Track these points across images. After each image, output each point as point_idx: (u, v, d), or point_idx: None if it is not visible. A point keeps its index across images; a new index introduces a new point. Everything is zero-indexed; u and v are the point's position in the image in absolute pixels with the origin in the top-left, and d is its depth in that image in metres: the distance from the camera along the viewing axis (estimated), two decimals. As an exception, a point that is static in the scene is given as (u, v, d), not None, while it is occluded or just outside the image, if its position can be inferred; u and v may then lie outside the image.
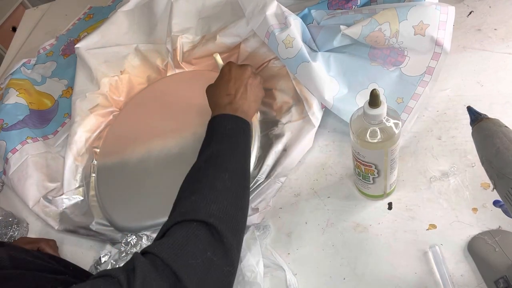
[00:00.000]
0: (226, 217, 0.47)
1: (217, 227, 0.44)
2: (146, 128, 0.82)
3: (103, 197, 0.76)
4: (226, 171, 0.51)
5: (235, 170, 0.53)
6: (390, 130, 0.49)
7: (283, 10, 0.72)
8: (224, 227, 0.45)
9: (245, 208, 0.52)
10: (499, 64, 0.70)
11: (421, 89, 0.68)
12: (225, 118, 0.59)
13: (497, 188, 0.41)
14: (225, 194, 0.49)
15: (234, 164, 0.53)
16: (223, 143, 0.55)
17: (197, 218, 0.45)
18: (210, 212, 0.46)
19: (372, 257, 0.59)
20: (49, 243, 0.71)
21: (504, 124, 0.43)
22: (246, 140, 0.58)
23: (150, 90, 0.89)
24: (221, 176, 0.51)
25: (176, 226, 0.45)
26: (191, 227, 0.44)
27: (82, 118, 0.85)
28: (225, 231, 0.45)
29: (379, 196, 0.62)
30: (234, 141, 0.56)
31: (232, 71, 0.65)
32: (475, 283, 0.53)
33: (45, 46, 1.12)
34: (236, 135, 0.57)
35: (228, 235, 0.45)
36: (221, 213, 0.47)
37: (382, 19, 0.66)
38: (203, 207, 0.47)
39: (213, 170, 0.52)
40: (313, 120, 0.70)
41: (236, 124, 0.58)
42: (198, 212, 0.46)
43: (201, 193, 0.49)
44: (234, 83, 0.63)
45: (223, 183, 0.50)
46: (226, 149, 0.54)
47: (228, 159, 0.53)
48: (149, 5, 0.90)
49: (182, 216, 0.46)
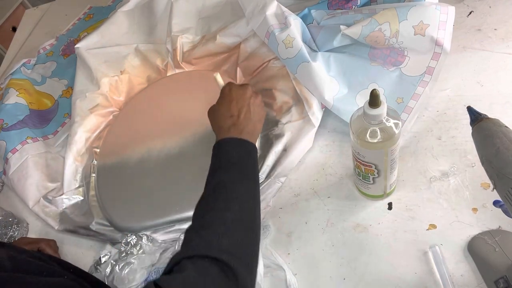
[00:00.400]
0: (239, 252, 0.45)
1: (230, 264, 0.42)
2: (146, 128, 0.82)
3: (103, 197, 0.76)
4: (236, 201, 0.49)
5: (245, 198, 0.50)
6: (390, 130, 0.49)
7: (283, 10, 0.72)
8: (237, 263, 0.43)
9: (258, 237, 0.49)
10: (499, 64, 0.70)
11: (421, 89, 0.68)
12: (231, 143, 0.56)
13: (497, 188, 0.41)
14: (237, 226, 0.47)
15: (243, 192, 0.51)
16: (231, 170, 0.52)
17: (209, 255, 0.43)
18: (222, 248, 0.44)
19: (372, 257, 0.59)
20: (50, 243, 0.71)
21: (504, 124, 0.43)
22: (254, 164, 0.55)
23: (150, 90, 0.89)
24: (231, 207, 0.48)
25: (187, 261, 0.43)
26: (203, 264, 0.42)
27: (82, 118, 0.85)
28: (239, 268, 0.43)
29: (379, 196, 0.62)
30: (242, 167, 0.53)
31: (232, 92, 0.62)
32: (475, 283, 0.53)
33: (45, 46, 1.12)
34: (243, 161, 0.54)
35: (242, 272, 0.43)
36: (233, 248, 0.44)
37: (382, 19, 0.66)
38: (215, 243, 0.44)
39: (222, 201, 0.49)
40: (313, 120, 0.70)
41: (242, 149, 0.56)
42: (210, 248, 0.44)
43: (212, 227, 0.46)
44: (236, 104, 0.61)
45: (233, 214, 0.48)
46: (234, 177, 0.52)
47: (237, 188, 0.51)
48: (149, 5, 0.90)
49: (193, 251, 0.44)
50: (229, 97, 0.62)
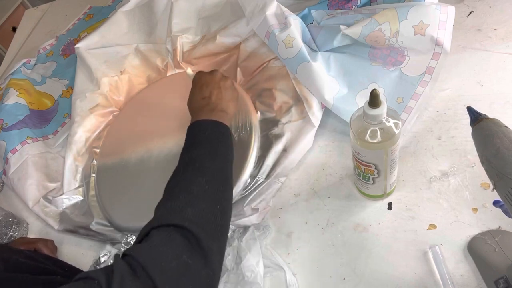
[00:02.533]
0: (202, 221, 0.47)
1: (193, 231, 0.44)
2: (146, 128, 0.82)
3: (103, 197, 0.76)
4: (203, 175, 0.51)
5: (214, 173, 0.52)
6: (390, 130, 0.49)
7: (283, 10, 0.72)
8: (200, 230, 0.45)
9: (225, 211, 0.51)
10: (499, 64, 0.70)
11: (421, 89, 0.68)
12: (204, 123, 0.59)
13: (497, 188, 0.41)
14: (202, 198, 0.49)
15: (212, 168, 0.53)
16: (202, 147, 0.55)
17: (173, 223, 0.45)
18: (185, 216, 0.46)
19: (372, 257, 0.59)
20: (47, 243, 0.71)
21: (504, 124, 0.43)
22: (226, 143, 0.58)
23: (150, 90, 0.89)
24: (198, 180, 0.51)
25: (154, 231, 0.45)
26: (167, 231, 0.45)
27: (82, 118, 0.85)
28: (202, 235, 0.45)
29: (379, 196, 0.62)
30: (212, 145, 0.56)
31: (202, 78, 0.66)
32: (475, 283, 0.53)
33: (45, 46, 1.12)
34: (214, 139, 0.57)
35: (205, 239, 0.45)
36: (197, 217, 0.47)
37: (382, 19, 0.66)
38: (179, 212, 0.47)
39: (190, 175, 0.52)
40: (313, 120, 0.70)
41: (215, 128, 0.58)
42: (174, 217, 0.46)
43: (178, 198, 0.49)
44: (207, 87, 0.65)
45: (200, 187, 0.50)
46: (204, 153, 0.54)
47: (206, 163, 0.53)
48: (149, 5, 0.90)
49: (159, 221, 0.46)
50: (199, 83, 0.66)
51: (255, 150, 0.72)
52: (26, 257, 0.55)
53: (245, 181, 0.69)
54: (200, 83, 0.66)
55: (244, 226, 0.65)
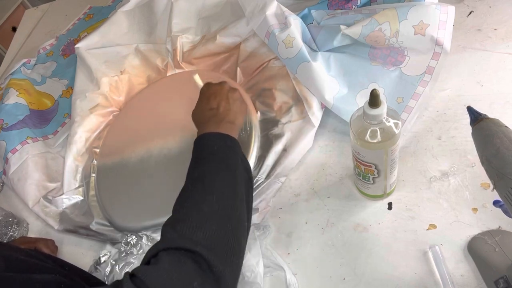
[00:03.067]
0: (214, 243, 0.44)
1: (204, 256, 0.42)
2: (146, 128, 0.82)
3: (103, 197, 0.76)
4: (213, 193, 0.49)
5: (223, 190, 0.50)
6: (390, 130, 0.49)
7: (283, 10, 0.72)
8: (212, 255, 0.43)
9: (237, 231, 0.48)
10: (499, 64, 0.70)
11: (421, 88, 0.68)
12: (211, 137, 0.56)
13: (497, 188, 0.41)
14: (213, 218, 0.47)
15: (221, 185, 0.50)
16: (209, 163, 0.53)
17: (183, 247, 0.43)
18: (196, 240, 0.44)
19: (372, 257, 0.59)
20: (47, 243, 0.71)
21: (504, 124, 0.43)
22: (234, 157, 0.55)
23: (150, 90, 0.89)
24: (207, 199, 0.48)
25: (163, 253, 0.43)
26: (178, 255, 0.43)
27: (82, 118, 0.85)
28: (213, 259, 0.43)
29: (379, 196, 0.62)
30: (220, 160, 0.53)
31: (210, 89, 0.64)
32: (475, 283, 0.53)
33: (45, 46, 1.12)
34: (223, 154, 0.54)
35: (217, 263, 0.43)
36: (208, 240, 0.44)
37: (382, 19, 0.66)
38: (189, 235, 0.45)
39: (199, 193, 0.49)
40: (313, 120, 0.70)
41: (222, 142, 0.56)
42: (184, 240, 0.44)
43: (187, 219, 0.47)
44: (215, 98, 0.62)
45: (209, 206, 0.48)
46: (212, 170, 0.52)
47: (215, 180, 0.51)
48: (149, 5, 0.90)
49: (168, 243, 0.44)
50: (207, 93, 0.64)
51: (255, 150, 0.72)
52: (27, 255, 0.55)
53: (245, 181, 0.69)
54: (207, 94, 0.63)
55: (244, 226, 0.65)
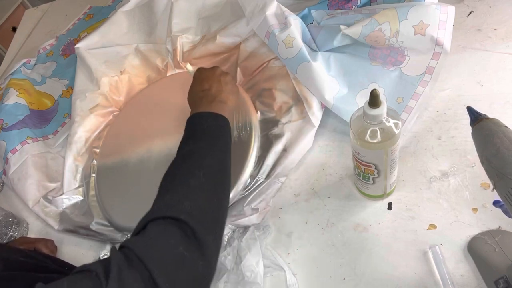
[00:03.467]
0: (199, 213, 0.47)
1: (189, 223, 0.45)
2: (146, 128, 0.82)
3: (103, 197, 0.76)
4: (201, 168, 0.51)
5: (212, 166, 0.52)
6: (390, 130, 0.49)
7: (283, 10, 0.72)
8: (196, 222, 0.45)
9: (222, 205, 0.52)
10: (499, 64, 0.70)
11: (421, 88, 0.68)
12: (203, 116, 0.59)
13: (497, 188, 0.41)
14: (199, 190, 0.49)
15: (210, 161, 0.53)
16: (200, 140, 0.55)
17: (170, 215, 0.45)
18: (182, 209, 0.46)
19: (372, 257, 0.59)
20: (47, 243, 0.71)
21: (504, 124, 0.43)
22: (225, 136, 0.58)
23: (150, 90, 0.89)
24: (195, 173, 0.50)
25: (150, 223, 0.45)
26: (164, 223, 0.45)
27: (82, 118, 0.85)
28: (198, 227, 0.45)
29: (379, 196, 0.62)
30: (211, 138, 0.56)
31: (202, 73, 0.67)
32: (475, 283, 0.53)
33: (45, 46, 1.12)
34: (213, 132, 0.57)
35: (201, 231, 0.45)
36: (193, 209, 0.47)
37: (382, 19, 0.66)
38: (175, 205, 0.47)
39: (187, 167, 0.52)
40: (313, 120, 0.70)
41: (214, 121, 0.58)
42: (171, 209, 0.47)
43: (175, 190, 0.49)
44: (207, 81, 0.65)
45: (197, 179, 0.50)
46: (202, 146, 0.54)
47: (204, 156, 0.53)
48: (149, 5, 0.90)
49: (156, 213, 0.47)
50: (199, 77, 0.67)
51: (255, 150, 0.72)
52: (26, 256, 0.55)
53: (245, 181, 0.69)
54: (200, 78, 0.67)
55: (244, 226, 0.65)
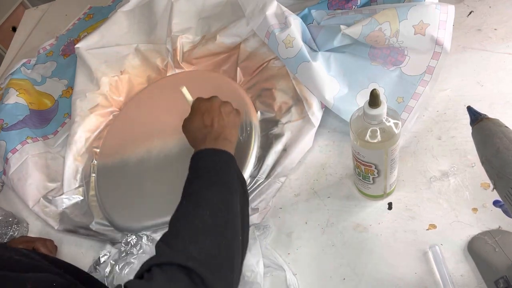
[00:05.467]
0: (207, 258, 0.45)
1: (197, 271, 0.42)
2: (146, 128, 0.82)
3: (103, 197, 0.76)
4: (206, 208, 0.49)
5: (217, 205, 0.50)
6: (390, 130, 0.49)
7: (283, 10, 0.72)
8: (205, 269, 0.43)
9: (232, 243, 0.49)
10: (499, 64, 0.70)
11: (422, 88, 0.68)
12: (207, 153, 0.57)
13: (497, 188, 0.41)
14: (206, 232, 0.47)
15: (215, 200, 0.50)
16: (204, 179, 0.53)
17: (176, 262, 0.43)
18: (189, 255, 0.44)
19: (372, 257, 0.59)
20: (45, 243, 0.71)
21: (504, 124, 0.43)
22: (230, 172, 0.55)
23: (150, 90, 0.89)
24: (201, 214, 0.48)
25: (156, 269, 0.43)
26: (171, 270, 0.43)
27: (82, 118, 0.85)
28: (207, 274, 0.43)
29: (379, 196, 0.62)
30: (215, 175, 0.54)
31: (201, 105, 0.64)
32: (475, 283, 0.53)
33: (45, 46, 1.12)
34: (218, 169, 0.55)
35: (210, 278, 0.43)
36: (201, 255, 0.45)
37: (382, 18, 0.66)
38: (182, 250, 0.45)
39: (193, 208, 0.50)
40: (313, 120, 0.70)
41: (218, 158, 0.56)
42: (177, 255, 0.44)
43: (180, 234, 0.47)
44: (208, 115, 0.62)
45: (203, 221, 0.48)
46: (206, 185, 0.52)
47: (209, 195, 0.51)
48: (149, 5, 0.90)
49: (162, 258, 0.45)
50: (199, 110, 0.63)
51: (255, 150, 0.72)
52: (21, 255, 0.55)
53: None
54: (200, 111, 0.63)
55: (244, 226, 0.65)
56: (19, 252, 0.57)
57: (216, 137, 0.59)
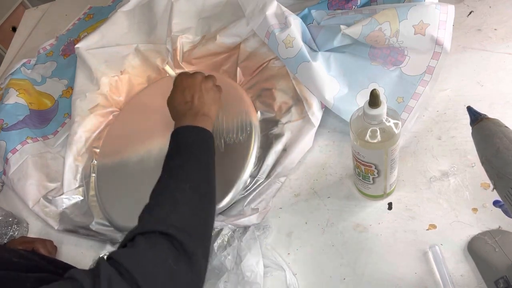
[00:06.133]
0: (187, 226, 0.48)
1: (177, 237, 0.45)
2: (146, 128, 0.82)
3: (103, 197, 0.76)
4: (187, 182, 0.52)
5: (197, 180, 0.54)
6: (390, 130, 0.49)
7: (283, 10, 0.72)
8: (185, 236, 0.46)
9: (209, 217, 0.53)
10: (499, 64, 0.70)
11: (422, 88, 0.68)
12: (187, 130, 0.60)
13: (497, 188, 0.41)
14: (186, 204, 0.50)
15: (195, 175, 0.54)
16: (185, 154, 0.56)
17: (158, 229, 0.46)
18: (169, 222, 0.47)
19: (372, 257, 0.59)
20: (45, 243, 0.71)
21: (504, 124, 0.43)
22: (209, 150, 0.59)
23: (150, 90, 0.89)
24: (181, 187, 0.52)
25: (139, 236, 0.46)
26: (153, 237, 0.46)
27: (82, 118, 0.85)
28: (186, 240, 0.45)
29: (379, 196, 0.62)
30: (196, 152, 0.57)
31: (183, 81, 0.66)
32: (475, 283, 0.53)
33: (45, 46, 1.12)
34: (198, 146, 0.58)
35: (189, 244, 0.45)
36: (181, 223, 0.48)
37: (382, 18, 0.66)
38: (163, 219, 0.48)
39: (174, 182, 0.53)
40: (313, 120, 0.70)
41: (197, 136, 0.59)
42: (159, 223, 0.47)
43: (162, 205, 0.50)
44: (189, 91, 0.65)
45: (184, 193, 0.51)
46: (187, 161, 0.55)
47: (189, 170, 0.54)
48: (149, 5, 0.89)
49: (144, 227, 0.47)
50: (181, 85, 0.66)
51: (255, 150, 0.72)
52: (20, 256, 0.55)
53: (245, 181, 0.69)
54: (182, 86, 0.66)
55: (244, 226, 0.65)
56: (18, 253, 0.57)
57: (195, 113, 0.62)
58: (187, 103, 0.64)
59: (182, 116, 0.62)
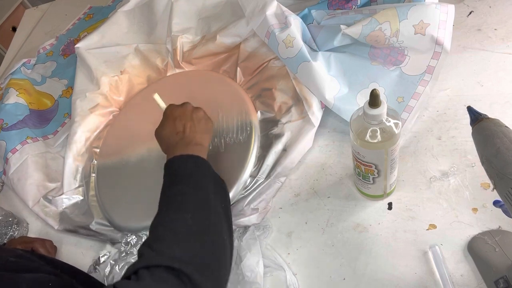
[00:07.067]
0: (192, 258, 0.46)
1: (185, 271, 0.43)
2: (146, 128, 0.82)
3: (103, 197, 0.76)
4: (187, 212, 0.50)
5: (198, 208, 0.51)
6: (390, 130, 0.49)
7: (283, 10, 0.72)
8: (192, 269, 0.44)
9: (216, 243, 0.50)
10: (499, 64, 0.70)
11: (422, 88, 0.68)
12: (181, 159, 0.57)
13: (497, 188, 0.41)
14: (189, 235, 0.48)
15: (194, 203, 0.52)
16: (182, 183, 0.54)
17: (163, 264, 0.44)
18: (174, 256, 0.45)
19: (372, 257, 0.59)
20: (44, 243, 0.71)
21: (504, 124, 0.43)
22: (206, 175, 0.56)
23: (150, 90, 0.89)
24: (182, 217, 0.49)
25: (143, 271, 0.43)
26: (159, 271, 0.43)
27: (82, 118, 0.85)
28: (194, 274, 0.44)
29: (379, 196, 0.62)
30: (192, 179, 0.55)
31: (173, 111, 0.65)
32: (475, 283, 0.53)
33: (45, 46, 1.12)
34: (194, 173, 0.56)
35: (197, 277, 0.44)
36: (186, 255, 0.46)
37: (382, 18, 0.66)
38: (167, 253, 0.46)
39: (173, 213, 0.51)
40: (313, 120, 0.70)
41: (194, 164, 0.57)
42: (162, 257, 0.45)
43: (163, 238, 0.48)
44: (180, 120, 0.63)
45: (185, 224, 0.49)
46: (185, 189, 0.53)
47: (188, 198, 0.52)
48: (149, 5, 0.90)
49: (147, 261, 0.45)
50: (171, 116, 0.64)
51: (255, 150, 0.72)
52: (17, 256, 0.55)
53: (245, 181, 0.69)
54: (172, 117, 0.64)
55: (244, 226, 0.65)
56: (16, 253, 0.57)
57: (187, 143, 0.60)
58: (178, 133, 0.61)
59: (173, 147, 0.60)
